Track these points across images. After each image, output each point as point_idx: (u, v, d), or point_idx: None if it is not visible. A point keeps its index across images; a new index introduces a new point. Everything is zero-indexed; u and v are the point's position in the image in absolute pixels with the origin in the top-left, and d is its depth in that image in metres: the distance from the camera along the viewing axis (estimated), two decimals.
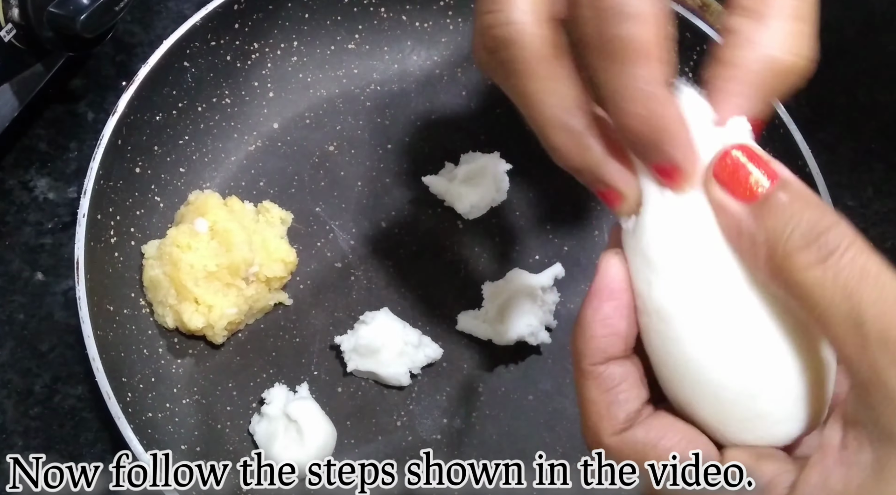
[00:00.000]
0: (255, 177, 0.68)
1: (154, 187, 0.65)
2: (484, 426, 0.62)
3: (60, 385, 0.63)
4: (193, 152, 0.67)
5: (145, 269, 0.62)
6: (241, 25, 0.66)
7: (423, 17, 0.72)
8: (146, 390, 0.59)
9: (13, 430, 0.61)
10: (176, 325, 0.61)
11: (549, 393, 0.63)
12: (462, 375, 0.63)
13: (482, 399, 0.63)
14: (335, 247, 0.66)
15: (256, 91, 0.69)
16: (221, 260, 0.60)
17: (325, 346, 0.63)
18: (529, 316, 0.62)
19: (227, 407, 0.61)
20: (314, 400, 0.60)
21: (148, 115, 0.63)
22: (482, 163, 0.66)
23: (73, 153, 0.69)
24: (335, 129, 0.70)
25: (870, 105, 0.74)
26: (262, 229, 0.63)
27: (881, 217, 0.72)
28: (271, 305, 0.64)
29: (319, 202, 0.68)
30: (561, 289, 0.65)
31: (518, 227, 0.68)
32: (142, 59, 0.63)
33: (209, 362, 0.62)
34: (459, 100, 0.72)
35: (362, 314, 0.62)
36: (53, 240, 0.66)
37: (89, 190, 0.58)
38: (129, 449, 0.54)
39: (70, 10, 0.58)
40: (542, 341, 0.62)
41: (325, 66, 0.71)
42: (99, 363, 0.55)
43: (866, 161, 0.73)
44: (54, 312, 0.64)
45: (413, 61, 0.72)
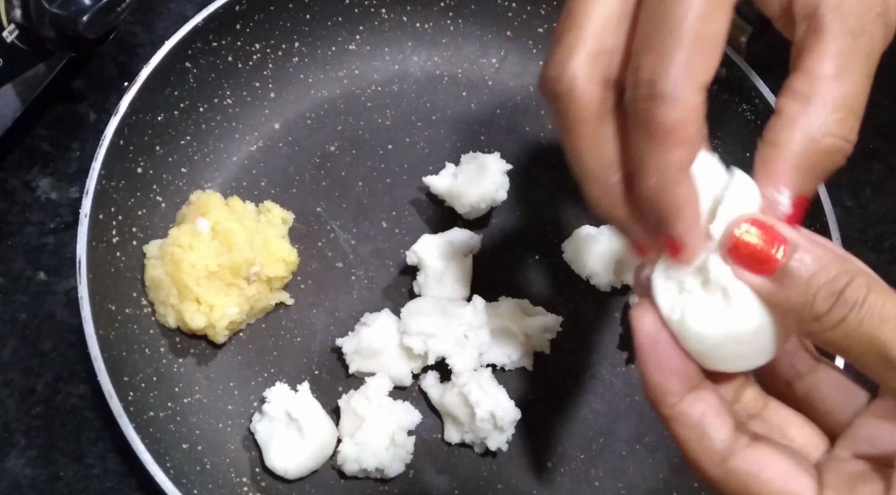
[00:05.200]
0: (257, 177, 0.68)
1: (156, 187, 0.65)
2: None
3: (62, 384, 0.63)
4: (195, 152, 0.67)
5: (147, 269, 0.62)
6: (243, 26, 0.66)
7: (424, 18, 0.72)
8: (148, 389, 0.59)
9: (15, 429, 0.61)
10: (177, 325, 0.61)
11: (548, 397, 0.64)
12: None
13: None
14: (336, 246, 0.67)
15: (258, 91, 0.69)
16: (223, 259, 0.60)
17: (326, 346, 0.64)
18: (510, 347, 0.62)
19: (228, 406, 0.62)
20: (315, 400, 0.60)
21: (150, 115, 0.63)
22: (482, 163, 0.66)
23: (76, 153, 0.70)
24: (336, 130, 0.70)
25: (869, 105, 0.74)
26: (264, 229, 0.64)
27: (881, 217, 0.72)
28: (272, 305, 0.64)
29: (320, 202, 0.68)
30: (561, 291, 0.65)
31: (518, 227, 0.68)
32: (143, 59, 0.64)
33: (210, 361, 0.63)
34: (459, 100, 0.72)
35: (363, 314, 0.63)
36: (55, 239, 0.67)
37: (91, 190, 0.59)
38: (130, 447, 0.54)
39: (72, 11, 0.58)
40: (523, 366, 0.63)
41: (326, 66, 0.71)
42: (101, 362, 0.55)
43: (866, 161, 0.73)
44: (56, 312, 0.65)
45: (413, 62, 0.72)
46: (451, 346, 0.60)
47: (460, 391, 0.59)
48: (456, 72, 0.72)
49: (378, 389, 0.59)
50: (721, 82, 0.65)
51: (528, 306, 0.63)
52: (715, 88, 0.68)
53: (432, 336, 0.59)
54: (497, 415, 0.58)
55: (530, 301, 0.64)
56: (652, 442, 0.63)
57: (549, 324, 0.63)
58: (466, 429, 0.60)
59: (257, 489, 0.59)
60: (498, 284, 0.65)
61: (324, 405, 0.61)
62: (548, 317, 0.63)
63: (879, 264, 0.69)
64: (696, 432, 0.34)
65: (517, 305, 0.63)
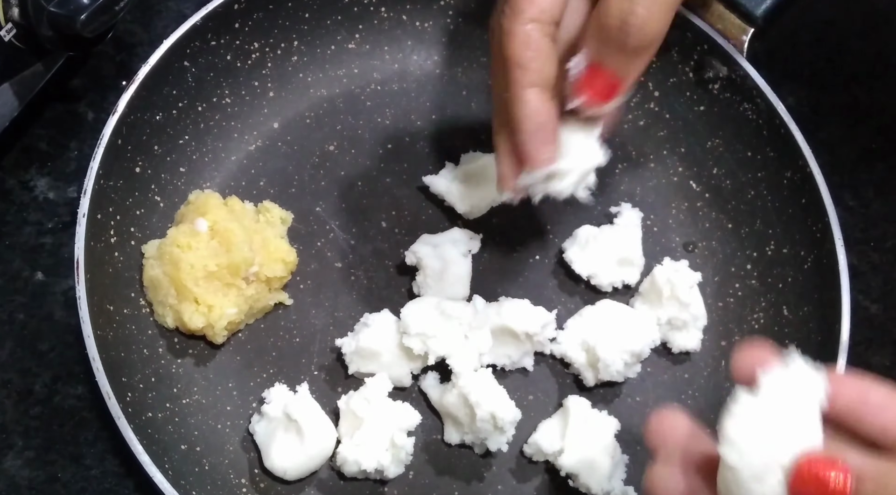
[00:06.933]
0: (256, 177, 0.68)
1: (154, 187, 0.65)
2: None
3: (60, 384, 0.62)
4: (194, 152, 0.67)
5: (145, 269, 0.62)
6: (242, 25, 0.66)
7: (424, 17, 0.72)
8: (146, 390, 0.59)
9: (13, 430, 0.61)
10: (176, 325, 0.61)
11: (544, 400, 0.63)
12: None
13: None
14: (335, 246, 0.66)
15: (257, 91, 0.69)
16: (221, 259, 0.60)
17: (325, 346, 0.63)
18: (510, 347, 0.62)
19: (227, 406, 0.61)
20: (314, 401, 0.60)
21: (148, 114, 0.63)
22: (482, 163, 0.66)
23: (74, 153, 0.69)
24: (335, 129, 0.70)
25: (870, 105, 0.74)
26: (263, 229, 0.63)
27: (881, 217, 0.72)
28: (271, 305, 0.64)
29: (320, 202, 0.68)
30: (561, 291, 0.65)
31: (518, 227, 0.68)
32: (142, 58, 0.63)
33: (209, 362, 0.62)
34: (459, 100, 0.72)
35: (363, 314, 0.62)
36: (53, 239, 0.66)
37: (89, 189, 0.58)
38: (129, 448, 0.54)
39: (70, 10, 0.58)
40: (523, 366, 0.63)
41: (325, 65, 0.71)
42: (99, 363, 0.55)
43: (866, 161, 0.73)
44: (54, 312, 0.64)
45: (413, 61, 0.72)
46: (451, 347, 0.59)
47: (460, 391, 0.58)
48: (456, 72, 0.72)
49: (377, 390, 0.59)
50: (722, 82, 0.65)
51: (528, 306, 0.63)
52: (716, 88, 0.68)
53: (432, 336, 0.59)
54: (497, 416, 0.58)
55: (530, 301, 0.63)
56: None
57: (549, 324, 0.63)
58: (466, 430, 0.60)
59: (256, 490, 0.59)
60: (498, 284, 0.65)
61: (323, 406, 0.60)
62: (548, 316, 0.63)
63: (881, 264, 0.69)
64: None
65: (517, 305, 0.62)
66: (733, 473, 0.35)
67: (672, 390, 0.64)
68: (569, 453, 0.58)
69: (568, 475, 0.59)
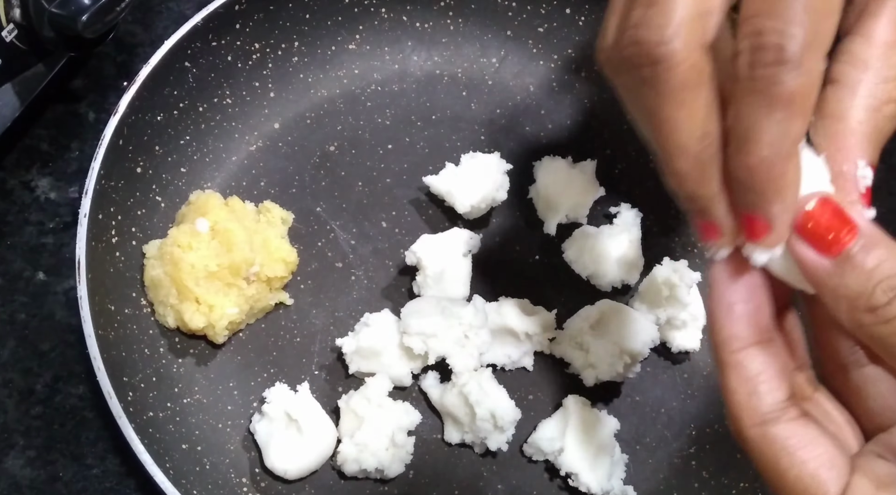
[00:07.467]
0: (256, 177, 0.68)
1: (155, 187, 0.65)
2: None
3: (62, 384, 0.63)
4: (194, 152, 0.67)
5: (146, 269, 0.62)
6: (242, 26, 0.66)
7: (424, 18, 0.72)
8: (147, 389, 0.59)
9: (14, 429, 0.61)
10: (177, 325, 0.61)
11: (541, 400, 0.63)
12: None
13: None
14: (336, 246, 0.67)
15: (257, 91, 0.69)
16: (222, 259, 0.60)
17: (325, 346, 0.64)
18: (510, 347, 0.62)
19: (227, 406, 0.62)
20: (315, 400, 0.60)
21: (149, 115, 0.63)
22: (482, 163, 0.66)
23: (75, 153, 0.70)
24: (336, 129, 0.70)
25: None
26: (263, 229, 0.64)
27: (881, 217, 0.71)
28: (272, 305, 0.64)
29: (320, 202, 0.68)
30: (561, 291, 0.65)
31: (518, 227, 0.68)
32: (143, 59, 0.63)
33: (210, 362, 0.63)
34: (459, 100, 0.72)
35: (363, 314, 0.63)
36: (55, 239, 0.67)
37: (90, 190, 0.59)
38: (130, 448, 0.54)
39: (71, 11, 0.58)
40: (523, 366, 0.63)
41: (325, 66, 0.71)
42: (100, 362, 0.55)
43: None
44: (55, 312, 0.64)
45: (413, 61, 0.72)
46: (451, 346, 0.60)
47: (460, 391, 0.59)
48: (456, 72, 0.72)
49: (378, 389, 0.59)
50: None
51: (528, 306, 0.63)
52: None
53: (432, 336, 0.59)
54: (497, 415, 0.58)
55: (530, 301, 0.63)
56: (652, 443, 0.62)
57: (549, 324, 0.63)
58: (466, 429, 0.60)
59: (257, 489, 0.59)
60: (498, 284, 0.65)
61: (324, 405, 0.61)
62: (548, 316, 0.63)
63: None
64: (748, 387, 0.34)
65: (517, 305, 0.63)
66: None
67: (672, 390, 0.64)
68: (568, 452, 0.59)
69: (568, 474, 0.59)
